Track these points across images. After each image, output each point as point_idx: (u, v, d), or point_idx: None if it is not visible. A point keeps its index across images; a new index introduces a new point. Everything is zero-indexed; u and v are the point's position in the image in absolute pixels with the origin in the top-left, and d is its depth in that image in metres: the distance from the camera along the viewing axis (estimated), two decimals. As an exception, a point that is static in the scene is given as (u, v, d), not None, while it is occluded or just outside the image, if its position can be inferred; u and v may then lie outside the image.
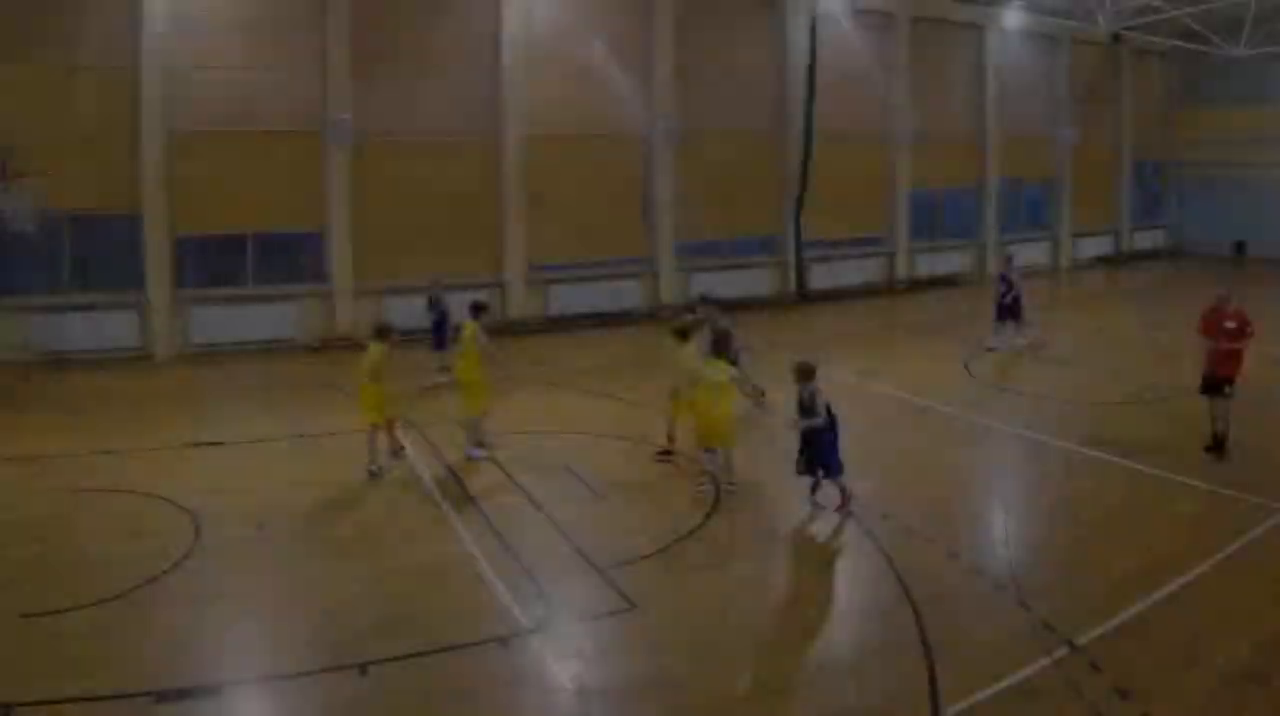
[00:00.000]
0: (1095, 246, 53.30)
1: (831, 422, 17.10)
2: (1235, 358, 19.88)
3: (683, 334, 20.11)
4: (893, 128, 44.43)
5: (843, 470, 17.14)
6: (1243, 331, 19.81)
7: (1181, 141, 56.02)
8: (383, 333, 20.31)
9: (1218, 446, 19.96)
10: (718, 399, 18.16)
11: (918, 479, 19.33)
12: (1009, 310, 30.83)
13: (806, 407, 17.05)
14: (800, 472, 17.40)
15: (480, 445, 20.98)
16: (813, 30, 40.15)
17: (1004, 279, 31.23)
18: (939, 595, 13.92)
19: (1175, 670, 11.94)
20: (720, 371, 18.50)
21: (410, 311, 29.11)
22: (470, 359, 20.98)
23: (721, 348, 20.64)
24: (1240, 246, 52.99)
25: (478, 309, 21.51)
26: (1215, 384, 20.01)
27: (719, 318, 23.16)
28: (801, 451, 17.31)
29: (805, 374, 17.14)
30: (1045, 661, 12.02)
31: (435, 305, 27.62)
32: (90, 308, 30.43)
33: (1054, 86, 50.87)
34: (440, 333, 27.17)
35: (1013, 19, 46.79)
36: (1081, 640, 12.48)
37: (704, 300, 24.90)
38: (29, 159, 23.62)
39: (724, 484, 18.30)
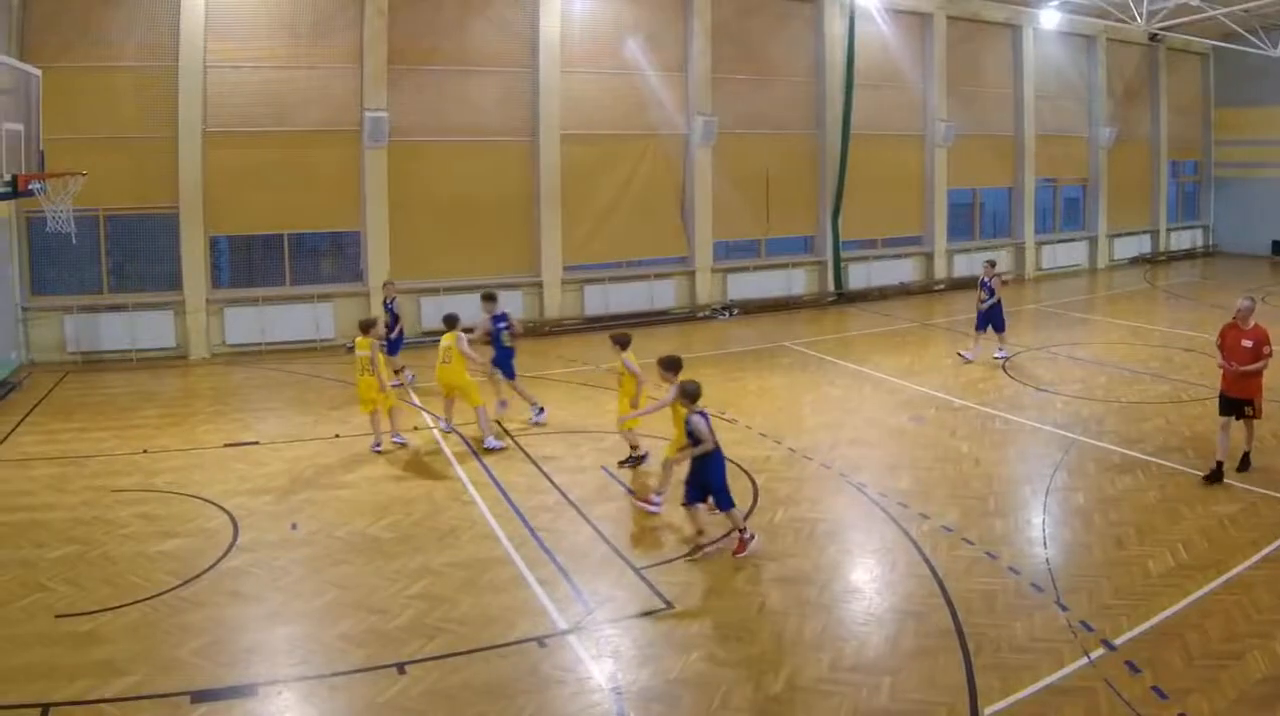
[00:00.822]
0: (1133, 246, 52.36)
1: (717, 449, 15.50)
2: (1250, 380, 18.35)
3: (623, 343, 19.58)
4: (930, 127, 43.76)
5: (734, 504, 15.62)
6: (1259, 352, 18.12)
7: (1219, 141, 55.26)
8: (366, 327, 21.27)
9: (1215, 476, 18.22)
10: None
11: (955, 478, 18.95)
12: (989, 318, 29.00)
13: (693, 433, 15.30)
14: (687, 503, 15.66)
15: (496, 436, 21.36)
16: (850, 30, 39.42)
17: (985, 286, 29.03)
18: (976, 594, 13.79)
19: (1212, 670, 11.70)
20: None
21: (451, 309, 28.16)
22: (457, 364, 21.42)
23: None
24: (1278, 246, 52.26)
25: (451, 321, 22.01)
26: (1233, 405, 18.51)
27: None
28: (689, 479, 15.69)
29: (692, 397, 15.55)
30: (1083, 661, 11.89)
31: (389, 308, 27.14)
32: (127, 308, 30.23)
33: (1091, 86, 50.00)
34: (395, 336, 26.86)
35: (1050, 19, 45.76)
36: (1119, 640, 12.37)
37: (488, 298, 24.76)
38: (67, 159, 23.34)
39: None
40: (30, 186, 18.92)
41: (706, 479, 15.28)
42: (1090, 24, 47.81)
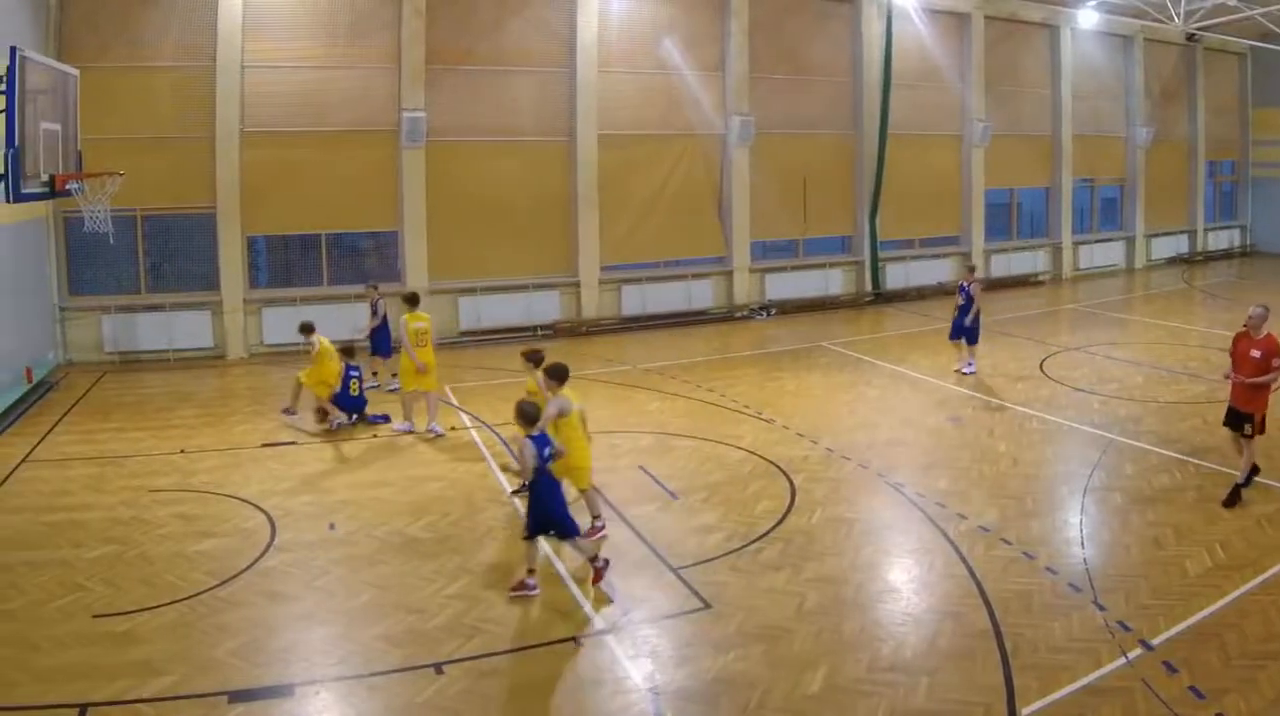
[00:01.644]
0: (1170, 246, 51.50)
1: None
2: (1255, 393, 16.99)
3: (535, 360, 17.48)
4: (967, 127, 43.08)
5: (578, 530, 14.32)
6: (1268, 364, 16.67)
7: (1257, 141, 54.37)
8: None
9: (1231, 500, 16.88)
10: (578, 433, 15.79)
11: (993, 478, 18.65)
12: (965, 329, 27.16)
13: (530, 458, 13.71)
14: (528, 537, 14.08)
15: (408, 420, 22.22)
16: (888, 30, 38.99)
17: (964, 291, 27.26)
18: (1014, 595, 13.57)
19: (1250, 670, 11.47)
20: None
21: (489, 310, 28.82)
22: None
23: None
24: (1316, 246, 51.35)
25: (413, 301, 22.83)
26: (1235, 419, 17.32)
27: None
28: (528, 510, 14.10)
29: (529, 419, 13.86)
30: (1120, 661, 11.69)
31: (376, 311, 26.67)
32: (164, 308, 30.11)
33: (1128, 86, 49.18)
34: (383, 339, 26.55)
35: (1087, 19, 45.18)
36: (1156, 640, 12.16)
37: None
38: (104, 159, 23.15)
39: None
40: (68, 186, 18.82)
41: (545, 508, 13.86)
42: (1127, 24, 47.06)
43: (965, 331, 27.12)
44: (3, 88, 15.82)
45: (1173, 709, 10.63)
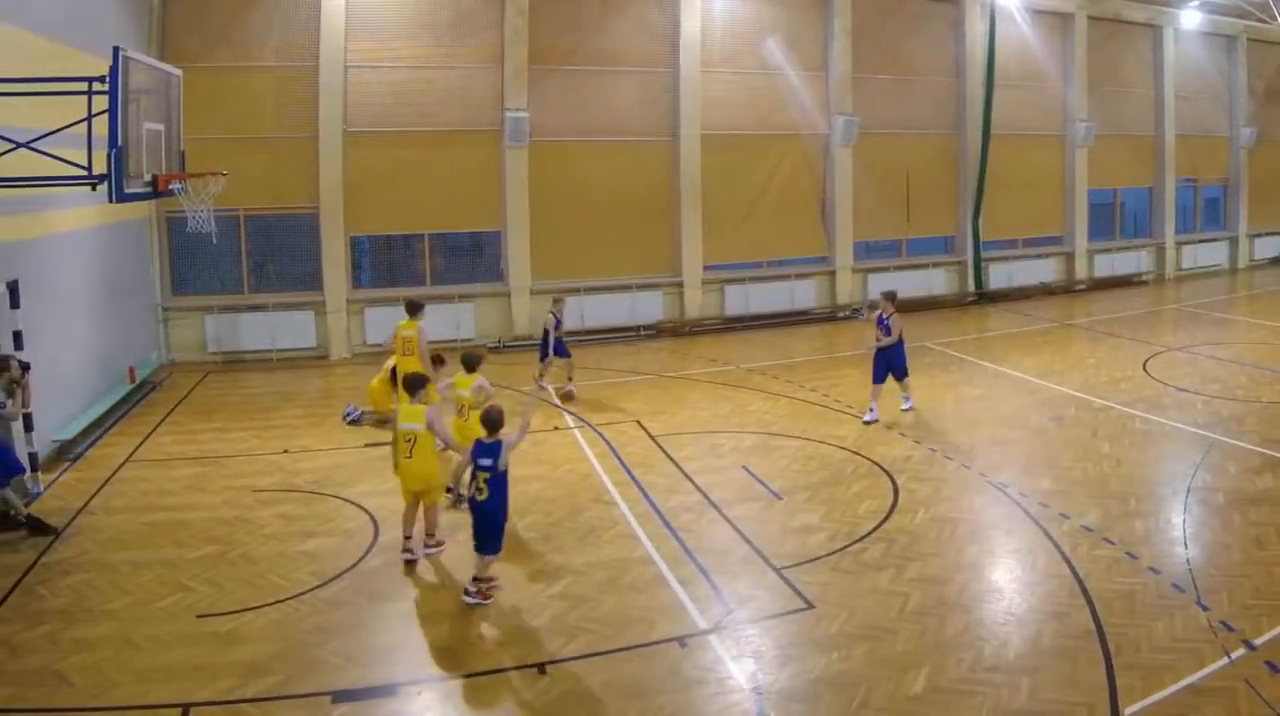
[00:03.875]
0: (1273, 246, 49.03)
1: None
2: None
3: (471, 365, 17.07)
4: (1070, 127, 41.34)
5: (499, 552, 13.74)
6: None
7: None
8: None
9: None
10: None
11: (1095, 478, 18.09)
12: (888, 363, 22.59)
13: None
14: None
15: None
16: (991, 29, 37.57)
17: (882, 323, 22.63)
18: (1117, 595, 13.23)
19: None
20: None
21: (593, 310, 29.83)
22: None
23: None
24: None
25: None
26: None
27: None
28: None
29: (493, 425, 13.38)
30: (1223, 661, 11.41)
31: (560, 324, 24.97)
32: (267, 308, 29.53)
33: (1231, 86, 46.99)
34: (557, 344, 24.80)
35: (1190, 19, 43.17)
36: (1259, 640, 11.83)
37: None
38: (207, 159, 22.49)
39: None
40: (171, 186, 18.17)
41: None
42: (1230, 24, 44.97)
43: (890, 368, 22.65)
44: (106, 88, 15.14)
45: (1275, 709, 10.42)
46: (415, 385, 14.96)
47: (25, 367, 16.37)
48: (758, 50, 34.79)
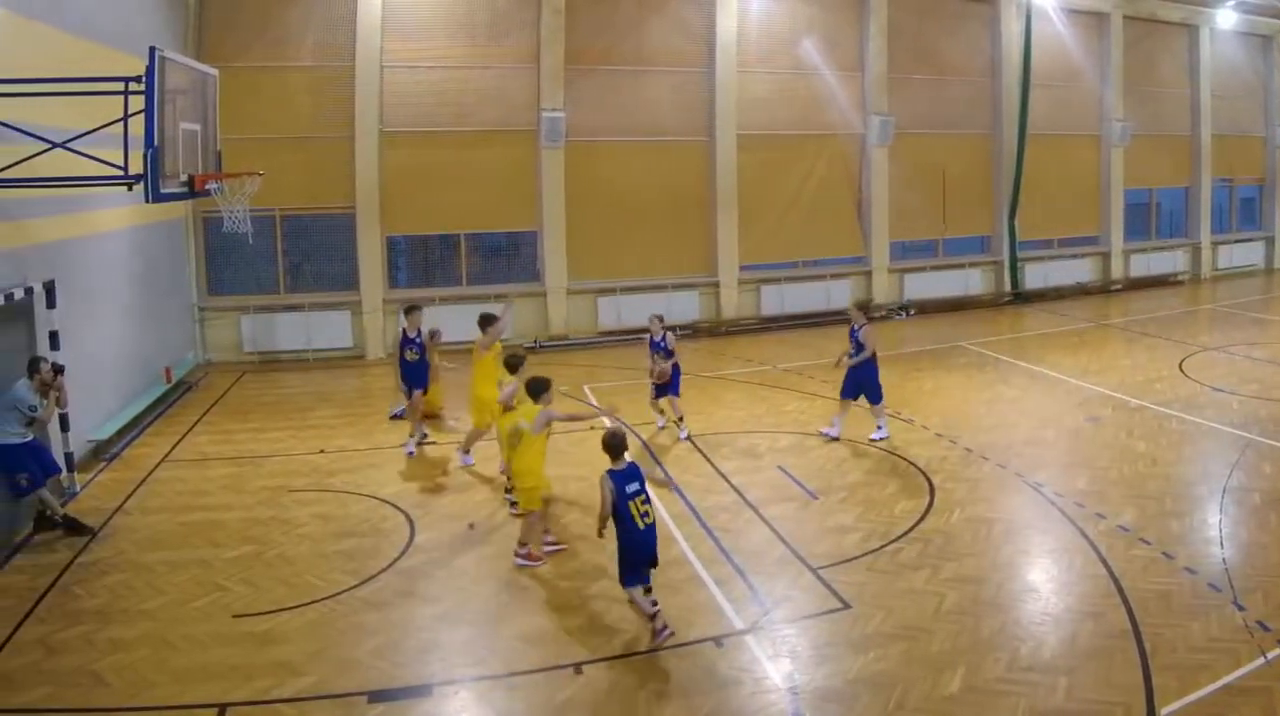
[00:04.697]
0: (1310, 247, 48.38)
1: None
2: None
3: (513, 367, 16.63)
4: (1106, 127, 40.66)
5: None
6: None
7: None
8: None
9: None
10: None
11: (1132, 478, 17.94)
12: (859, 381, 20.55)
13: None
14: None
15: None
16: (1027, 29, 36.99)
17: (853, 336, 20.49)
18: (1153, 594, 13.15)
19: None
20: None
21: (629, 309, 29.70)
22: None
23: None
24: None
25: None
26: None
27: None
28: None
29: (616, 451, 12.96)
30: (1259, 661, 11.32)
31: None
32: (303, 308, 29.21)
33: (1268, 86, 46.14)
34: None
35: (1226, 19, 42.44)
36: None
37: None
38: (243, 159, 22.23)
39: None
40: (207, 186, 18.07)
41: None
42: (1267, 24, 44.20)
43: (862, 389, 20.62)
44: (143, 88, 14.89)
45: (1314, 710, 10.20)
46: (539, 389, 14.67)
47: (58, 370, 16.03)
48: (793, 50, 34.28)
